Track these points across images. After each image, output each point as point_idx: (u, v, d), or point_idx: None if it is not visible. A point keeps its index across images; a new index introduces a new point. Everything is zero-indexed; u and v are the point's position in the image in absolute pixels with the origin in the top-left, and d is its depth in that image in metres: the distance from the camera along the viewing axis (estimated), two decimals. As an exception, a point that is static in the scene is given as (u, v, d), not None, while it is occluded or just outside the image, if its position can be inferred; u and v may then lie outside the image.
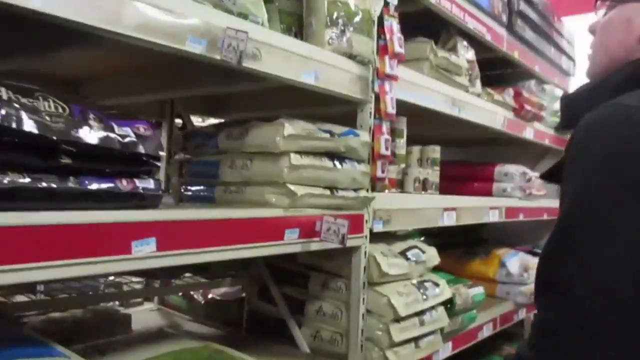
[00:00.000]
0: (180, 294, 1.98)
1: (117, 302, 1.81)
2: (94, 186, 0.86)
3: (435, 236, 2.84)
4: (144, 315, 1.97)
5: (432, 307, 1.64)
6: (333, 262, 1.56)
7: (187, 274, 1.82)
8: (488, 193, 2.29)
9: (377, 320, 1.48)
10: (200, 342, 1.28)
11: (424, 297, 1.58)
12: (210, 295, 1.91)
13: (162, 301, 2.06)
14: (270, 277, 1.71)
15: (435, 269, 2.11)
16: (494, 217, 2.13)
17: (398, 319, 1.48)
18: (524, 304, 2.35)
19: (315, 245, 1.30)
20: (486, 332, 2.09)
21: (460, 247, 2.59)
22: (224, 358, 1.21)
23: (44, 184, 0.78)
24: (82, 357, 0.92)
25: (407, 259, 1.62)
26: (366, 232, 1.48)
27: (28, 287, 1.61)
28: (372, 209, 1.48)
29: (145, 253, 0.94)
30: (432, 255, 1.72)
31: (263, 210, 1.16)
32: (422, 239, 2.84)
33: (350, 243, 1.43)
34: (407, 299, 1.51)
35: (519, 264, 2.35)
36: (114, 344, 1.21)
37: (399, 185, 1.73)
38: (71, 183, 0.82)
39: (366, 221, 1.47)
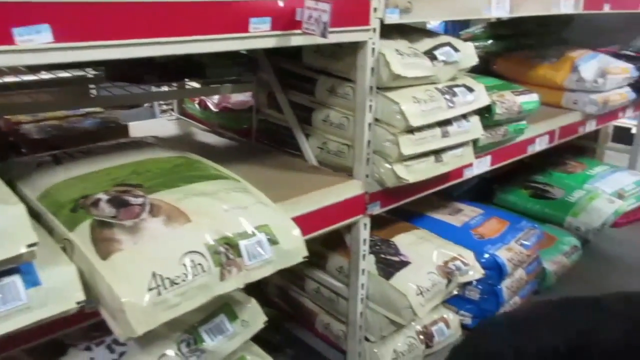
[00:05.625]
0: (196, 102, 1.85)
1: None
2: None
3: (505, 38, 2.44)
4: (159, 125, 1.89)
5: (463, 116, 1.38)
6: (341, 63, 1.31)
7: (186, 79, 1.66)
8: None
9: (385, 131, 1.26)
10: (177, 153, 1.15)
11: (450, 104, 1.32)
12: (223, 104, 1.76)
13: (181, 111, 1.95)
14: (277, 82, 1.50)
15: (488, 74, 1.82)
16: (567, 6, 1.70)
17: (411, 130, 1.26)
18: (593, 115, 1.99)
19: (296, 39, 1.05)
20: (539, 145, 1.82)
21: (532, 50, 2.19)
22: (194, 169, 1.08)
23: None
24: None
25: (434, 58, 1.32)
26: (374, 23, 1.19)
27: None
28: (384, -7, 1.17)
29: (37, 44, 0.75)
30: (467, 55, 1.40)
31: (207, -9, 0.91)
32: (490, 42, 2.50)
33: (351, 37, 1.16)
34: (424, 106, 1.26)
35: (596, 68, 1.94)
36: (74, 152, 1.11)
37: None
38: None
39: (374, 9, 1.17)
